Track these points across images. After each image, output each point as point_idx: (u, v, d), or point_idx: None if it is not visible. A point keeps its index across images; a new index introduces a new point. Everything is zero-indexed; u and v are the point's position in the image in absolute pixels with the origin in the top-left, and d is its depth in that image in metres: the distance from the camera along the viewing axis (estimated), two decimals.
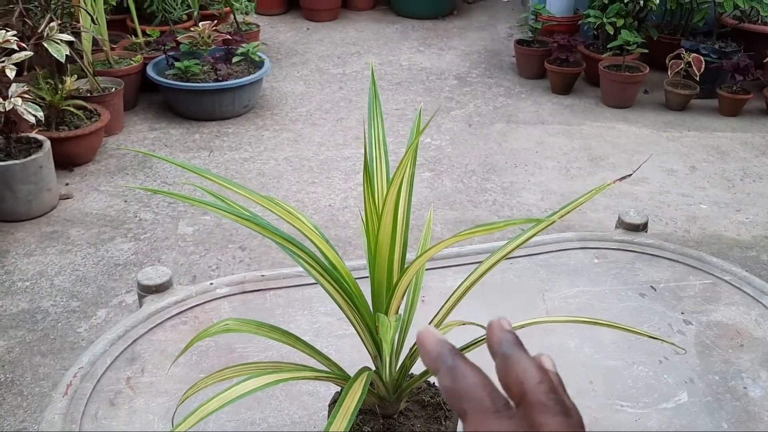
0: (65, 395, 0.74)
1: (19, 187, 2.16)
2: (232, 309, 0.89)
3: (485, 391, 0.32)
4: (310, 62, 3.65)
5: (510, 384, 0.33)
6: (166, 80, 2.90)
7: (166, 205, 2.32)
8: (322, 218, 2.28)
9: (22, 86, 2.19)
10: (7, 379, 1.59)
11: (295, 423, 0.73)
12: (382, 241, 0.52)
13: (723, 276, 0.98)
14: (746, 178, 2.63)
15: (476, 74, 3.55)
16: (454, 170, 2.62)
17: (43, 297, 1.87)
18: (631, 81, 3.17)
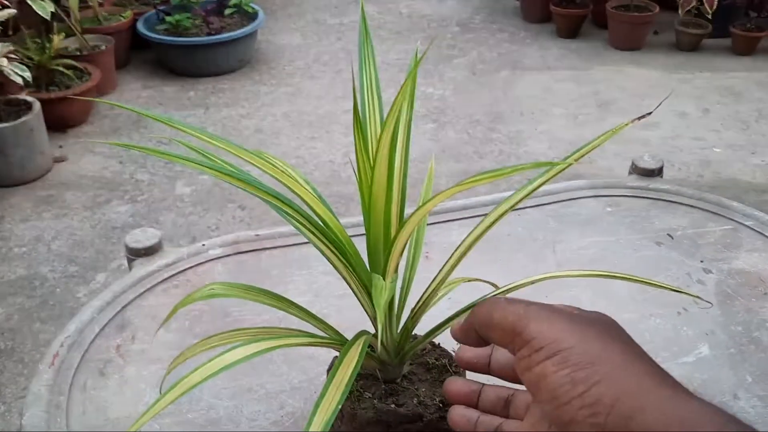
0: (52, 366, 0.70)
1: (11, 151, 2.10)
2: (227, 271, 0.84)
3: None
4: (306, 13, 3.52)
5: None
6: (158, 36, 2.81)
7: (163, 165, 2.26)
8: (323, 174, 2.22)
9: (7, 46, 2.11)
10: (7, 346, 1.58)
11: (294, 388, 0.69)
12: (377, 193, 0.47)
13: (744, 221, 0.93)
14: (761, 120, 2.54)
15: (479, 20, 3.42)
16: (458, 120, 2.54)
17: (40, 262, 1.84)
18: (640, 21, 3.04)
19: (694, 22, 3.04)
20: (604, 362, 0.30)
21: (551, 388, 0.31)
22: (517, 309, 0.34)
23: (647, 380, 0.30)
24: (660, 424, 0.28)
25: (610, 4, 3.10)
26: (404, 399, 0.55)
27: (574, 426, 0.30)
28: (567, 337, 0.31)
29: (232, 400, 0.67)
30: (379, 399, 0.55)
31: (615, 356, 0.30)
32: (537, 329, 0.32)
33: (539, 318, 0.32)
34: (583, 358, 0.30)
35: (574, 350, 0.30)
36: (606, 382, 0.29)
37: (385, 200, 0.47)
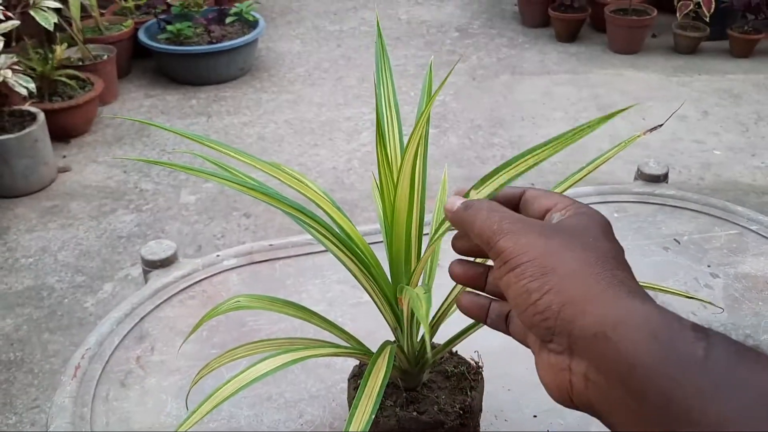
0: (74, 378, 0.71)
1: (15, 162, 2.11)
2: (241, 281, 0.85)
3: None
4: (306, 20, 3.54)
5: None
6: (159, 45, 2.82)
7: (167, 174, 2.28)
8: (326, 181, 2.24)
9: (11, 57, 2.13)
10: (17, 357, 1.58)
11: (312, 397, 0.70)
12: (399, 209, 0.48)
13: (749, 226, 0.94)
14: (760, 122, 2.56)
15: (478, 25, 3.44)
16: (459, 126, 2.55)
17: (47, 273, 1.85)
18: (638, 25, 3.06)
19: (692, 25, 3.06)
20: (556, 272, 0.33)
21: (514, 297, 0.35)
22: (492, 223, 0.36)
23: (595, 286, 0.32)
24: (596, 324, 0.31)
25: (608, 8, 3.12)
26: (425, 407, 0.56)
27: (534, 329, 0.34)
28: (529, 251, 0.34)
29: (252, 410, 0.69)
30: (400, 407, 0.56)
31: (570, 265, 0.33)
32: (505, 245, 0.35)
33: (509, 232, 0.35)
34: (538, 270, 0.33)
35: (532, 263, 0.34)
36: (554, 290, 0.33)
37: (407, 216, 0.48)
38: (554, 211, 0.39)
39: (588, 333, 0.31)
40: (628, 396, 0.29)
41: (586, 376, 0.32)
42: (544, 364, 0.35)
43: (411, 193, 0.48)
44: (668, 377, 0.28)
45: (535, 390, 0.70)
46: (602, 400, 0.31)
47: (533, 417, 0.66)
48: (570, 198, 0.39)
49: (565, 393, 0.34)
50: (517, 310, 0.35)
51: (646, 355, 0.29)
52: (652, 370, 0.29)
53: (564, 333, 0.32)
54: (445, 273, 0.68)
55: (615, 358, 0.30)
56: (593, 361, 0.31)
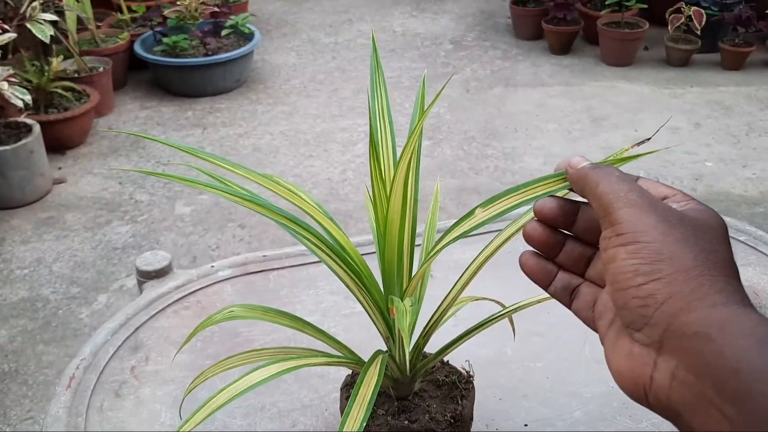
0: (68, 388, 0.72)
1: (11, 174, 2.12)
2: (235, 291, 0.86)
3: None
4: (301, 32, 3.57)
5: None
6: (155, 57, 2.84)
7: (162, 186, 2.28)
8: (321, 192, 2.25)
9: (7, 69, 2.14)
10: (11, 368, 1.58)
11: (305, 407, 0.70)
12: (392, 220, 0.49)
13: (738, 236, 0.95)
14: (752, 133, 2.59)
15: (472, 38, 3.47)
16: (453, 137, 2.57)
17: (42, 284, 1.84)
18: (630, 38, 3.10)
19: (684, 38, 3.10)
20: (672, 263, 0.32)
21: (616, 272, 0.33)
22: (619, 189, 0.35)
23: (707, 287, 0.31)
24: (700, 323, 0.30)
25: (600, 21, 3.16)
26: (416, 415, 0.57)
27: (625, 311, 0.33)
28: (649, 231, 0.33)
29: (246, 419, 0.69)
30: (392, 416, 0.57)
31: (686, 260, 0.32)
32: (626, 216, 0.33)
33: (634, 205, 0.34)
34: (654, 256, 0.32)
35: (649, 246, 0.32)
36: (665, 280, 0.31)
37: (399, 227, 0.49)
38: (672, 201, 0.37)
39: (688, 330, 0.30)
40: (723, 400, 0.29)
41: (674, 374, 0.31)
42: (621, 352, 0.33)
43: (403, 204, 0.49)
44: None
45: (526, 399, 0.71)
46: (687, 401, 0.30)
47: (524, 426, 0.66)
48: (688, 193, 0.38)
49: (640, 387, 0.32)
50: (615, 287, 0.33)
51: (753, 360, 0.28)
52: (758, 377, 0.28)
53: (660, 325, 0.31)
54: (438, 283, 0.69)
55: (715, 360, 0.29)
56: (687, 359, 0.30)
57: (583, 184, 0.37)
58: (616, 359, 0.34)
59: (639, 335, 0.32)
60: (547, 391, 0.70)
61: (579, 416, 0.67)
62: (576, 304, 0.40)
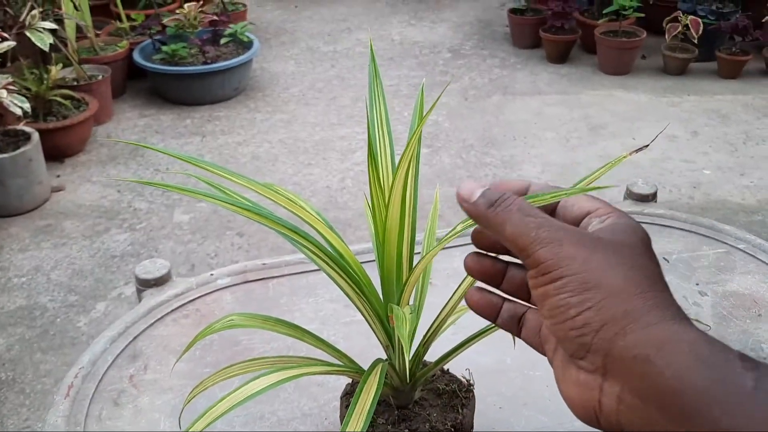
0: (67, 397, 0.71)
1: (9, 182, 2.12)
2: (235, 300, 0.86)
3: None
4: (300, 41, 3.58)
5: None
6: (154, 65, 2.85)
7: (161, 194, 2.28)
8: (320, 200, 2.25)
9: (6, 77, 2.14)
10: (8, 377, 1.57)
11: (305, 415, 0.70)
12: (391, 228, 0.49)
13: (737, 244, 0.96)
14: (749, 141, 2.60)
15: (470, 46, 3.49)
16: (451, 145, 2.58)
17: (40, 292, 1.84)
18: (628, 47, 3.12)
19: (681, 46, 3.11)
20: (600, 290, 0.32)
21: (549, 308, 0.33)
22: (528, 229, 0.34)
23: (639, 307, 0.31)
24: (638, 346, 0.30)
25: (598, 29, 3.17)
26: (416, 424, 0.57)
27: (566, 343, 0.33)
28: (571, 264, 0.32)
29: (245, 428, 0.69)
30: (392, 424, 0.57)
31: (613, 283, 0.32)
32: (545, 255, 0.33)
33: (549, 242, 0.33)
34: (580, 286, 0.32)
35: (574, 278, 0.32)
36: (596, 308, 0.31)
37: (398, 236, 0.49)
38: (593, 216, 0.37)
39: (628, 354, 0.30)
40: (668, 420, 0.29)
41: (620, 397, 0.31)
42: (570, 381, 0.34)
43: (402, 213, 0.49)
44: (718, 404, 0.27)
45: (526, 408, 0.71)
46: (636, 423, 0.30)
47: None
48: (611, 205, 0.37)
49: (591, 412, 0.33)
50: (552, 322, 0.33)
51: (694, 380, 0.28)
52: (700, 396, 0.28)
53: (600, 352, 0.31)
54: (437, 291, 0.69)
55: (657, 382, 0.29)
56: (630, 383, 0.30)
57: (486, 224, 0.36)
58: (566, 386, 0.34)
59: (583, 363, 0.32)
60: (547, 400, 0.70)
61: (579, 425, 0.67)
62: (524, 333, 0.40)
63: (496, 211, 0.35)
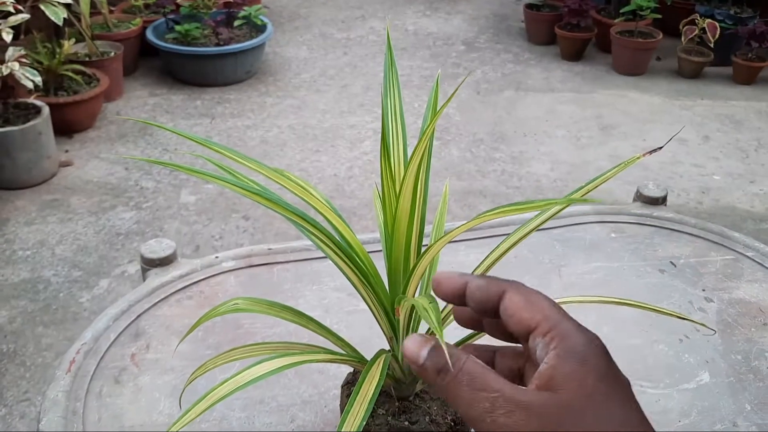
0: (68, 372, 0.72)
1: (18, 155, 2.12)
2: (239, 283, 0.86)
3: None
4: (313, 26, 3.56)
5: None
6: (166, 44, 2.84)
7: (168, 173, 2.28)
8: (327, 188, 2.24)
9: (19, 50, 2.14)
10: (10, 349, 1.58)
11: (305, 402, 0.70)
12: (400, 219, 0.48)
13: (745, 252, 0.95)
14: (761, 149, 2.58)
15: (484, 40, 3.47)
16: (461, 139, 2.57)
17: (44, 266, 1.85)
18: (643, 47, 3.09)
19: (697, 49, 3.08)
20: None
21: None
22: (482, 414, 0.31)
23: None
24: None
25: (614, 29, 3.15)
26: (417, 417, 0.57)
27: None
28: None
29: (244, 412, 0.69)
30: (392, 416, 0.57)
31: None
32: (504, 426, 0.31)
33: (506, 427, 0.30)
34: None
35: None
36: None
37: (407, 227, 0.49)
38: (536, 335, 0.33)
39: None
40: None
41: None
42: None
43: (412, 205, 0.49)
44: None
45: None
46: None
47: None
48: (555, 312, 0.34)
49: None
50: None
51: None
52: None
53: None
54: None
55: None
56: None
57: (437, 392, 0.34)
58: None
59: None
60: None
61: None
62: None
63: (446, 381, 0.32)
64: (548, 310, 0.33)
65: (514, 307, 0.34)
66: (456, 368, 0.32)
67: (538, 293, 0.35)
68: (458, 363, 0.32)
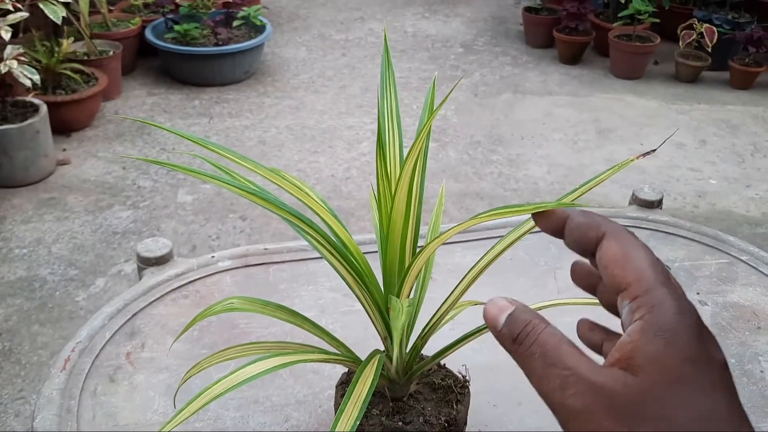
0: (63, 370, 0.72)
1: (15, 153, 2.12)
2: (234, 283, 0.86)
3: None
4: (312, 27, 3.57)
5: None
6: (165, 44, 2.84)
7: (165, 173, 2.28)
8: (324, 189, 2.25)
9: (17, 48, 2.14)
10: (5, 347, 1.58)
11: (299, 402, 0.70)
12: (396, 220, 0.49)
13: (740, 256, 0.95)
14: (757, 153, 2.59)
15: (482, 42, 3.47)
16: (459, 141, 2.57)
17: (40, 265, 1.84)
18: (641, 51, 3.10)
19: (694, 54, 3.09)
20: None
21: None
22: (551, 392, 0.29)
23: None
24: None
25: (612, 33, 3.16)
26: (410, 417, 0.57)
27: None
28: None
29: (239, 411, 0.69)
30: (386, 416, 0.57)
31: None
32: (573, 429, 0.28)
33: (577, 414, 0.28)
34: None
35: None
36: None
37: (402, 228, 0.49)
38: (624, 297, 0.30)
39: None
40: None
41: None
42: None
43: (408, 205, 0.49)
44: None
45: (520, 407, 0.71)
46: None
47: None
48: (652, 273, 0.30)
49: None
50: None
51: None
52: None
53: None
54: (438, 286, 0.69)
55: None
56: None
57: (514, 359, 0.31)
58: None
59: None
60: (541, 400, 0.70)
61: None
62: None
63: (519, 351, 0.30)
64: (644, 269, 0.29)
65: (607, 258, 0.31)
66: (530, 338, 0.29)
67: (639, 245, 0.31)
68: (533, 333, 0.29)
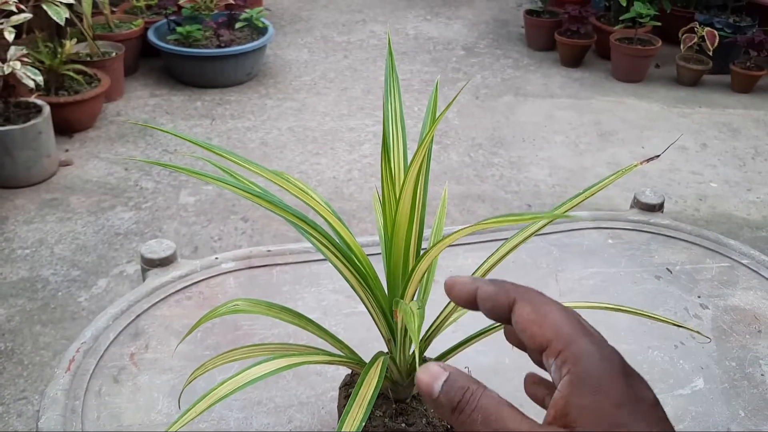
0: (68, 371, 0.72)
1: (18, 153, 2.12)
2: (238, 285, 0.86)
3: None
4: (314, 29, 3.57)
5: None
6: (167, 45, 2.84)
7: (168, 174, 2.29)
8: (326, 190, 2.25)
9: (20, 49, 2.14)
10: (8, 348, 1.58)
11: (302, 404, 0.71)
12: (400, 222, 0.49)
13: (741, 259, 0.96)
14: (758, 157, 2.59)
15: (484, 45, 3.48)
16: (460, 143, 2.58)
17: (43, 265, 1.85)
18: (642, 54, 3.10)
19: (696, 57, 3.10)
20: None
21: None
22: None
23: None
24: None
25: (613, 36, 3.16)
26: (413, 419, 0.57)
27: None
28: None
29: (242, 412, 0.69)
30: (389, 418, 0.57)
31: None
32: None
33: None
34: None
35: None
36: None
37: (406, 230, 0.49)
38: (548, 355, 0.30)
39: None
40: None
41: None
42: None
43: (412, 208, 0.50)
44: None
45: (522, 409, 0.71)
46: None
47: None
48: (568, 327, 0.30)
49: None
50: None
51: None
52: None
53: None
54: (441, 288, 0.69)
55: None
56: None
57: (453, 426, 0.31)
58: None
59: None
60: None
61: None
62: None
63: (460, 419, 0.29)
64: (560, 325, 0.30)
65: (523, 320, 0.31)
66: (470, 405, 0.29)
67: (550, 303, 0.32)
68: (473, 399, 0.29)
